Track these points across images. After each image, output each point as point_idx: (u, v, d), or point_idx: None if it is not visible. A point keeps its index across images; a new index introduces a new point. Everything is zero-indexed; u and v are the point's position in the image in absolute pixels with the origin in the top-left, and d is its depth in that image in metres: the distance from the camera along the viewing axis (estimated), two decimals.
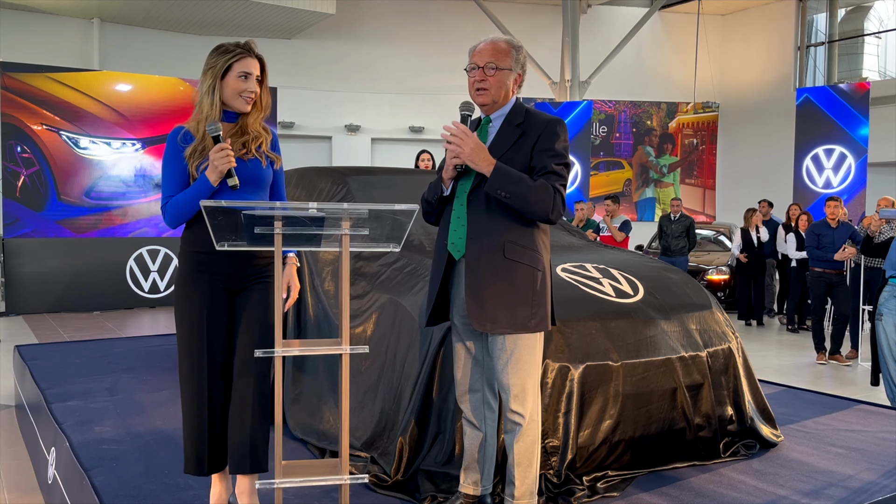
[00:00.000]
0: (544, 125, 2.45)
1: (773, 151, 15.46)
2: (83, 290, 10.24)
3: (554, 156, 2.41)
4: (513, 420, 2.44)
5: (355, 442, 3.10)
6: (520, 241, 2.40)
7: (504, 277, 2.38)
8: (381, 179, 4.32)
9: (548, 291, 2.47)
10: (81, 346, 5.90)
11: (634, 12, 16.47)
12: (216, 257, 2.47)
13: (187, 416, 2.52)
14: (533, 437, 2.45)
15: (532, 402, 2.44)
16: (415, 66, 15.55)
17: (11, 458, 4.25)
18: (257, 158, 2.54)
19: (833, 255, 7.15)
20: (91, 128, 10.46)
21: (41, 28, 13.06)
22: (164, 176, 2.54)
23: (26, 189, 10.06)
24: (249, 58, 2.51)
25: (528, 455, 2.45)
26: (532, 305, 2.39)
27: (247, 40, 2.56)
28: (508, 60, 2.47)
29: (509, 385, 2.41)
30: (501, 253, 2.38)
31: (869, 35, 16.02)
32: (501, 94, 2.49)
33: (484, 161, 2.35)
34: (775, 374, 6.41)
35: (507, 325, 2.38)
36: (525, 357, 2.41)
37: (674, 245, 9.25)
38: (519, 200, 2.34)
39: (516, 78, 2.51)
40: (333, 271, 3.62)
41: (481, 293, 2.38)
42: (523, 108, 2.54)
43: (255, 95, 2.54)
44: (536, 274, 2.41)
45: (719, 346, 3.37)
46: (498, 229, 2.39)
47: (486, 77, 2.45)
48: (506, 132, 2.48)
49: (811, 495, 2.85)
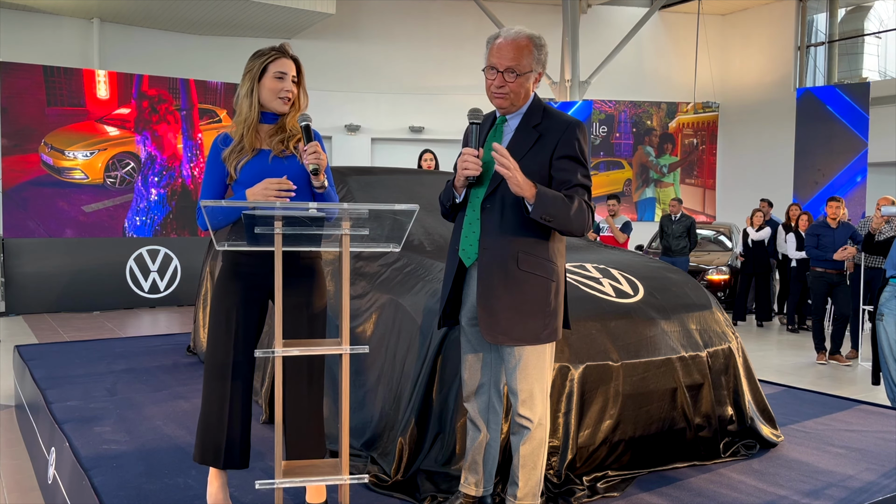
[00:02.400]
0: (563, 129, 2.36)
1: (773, 151, 15.46)
2: (83, 290, 10.25)
3: (577, 165, 2.35)
4: (521, 424, 2.42)
5: (355, 442, 3.10)
6: (534, 251, 2.34)
7: (517, 289, 2.32)
8: (381, 179, 4.32)
9: (562, 300, 2.43)
10: (81, 346, 5.89)
11: (634, 12, 16.47)
12: (255, 258, 2.52)
13: (207, 408, 2.55)
14: (540, 440, 2.44)
15: (541, 407, 2.42)
16: (415, 66, 15.55)
17: (11, 458, 4.25)
18: (294, 157, 2.56)
19: (833, 255, 7.15)
20: None
21: (41, 28, 13.06)
22: (204, 179, 2.64)
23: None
24: (284, 58, 2.56)
25: (533, 457, 2.44)
26: (545, 317, 2.35)
27: (282, 43, 2.61)
28: (530, 62, 2.33)
29: (518, 390, 2.39)
30: (515, 264, 2.32)
31: (869, 35, 16.02)
32: (521, 96, 2.38)
33: (528, 187, 2.23)
34: (775, 374, 6.41)
35: (518, 337, 2.34)
36: (533, 363, 2.38)
37: (675, 245, 9.26)
38: (560, 222, 2.28)
39: (536, 77, 2.39)
40: (333, 271, 3.62)
41: (493, 304, 2.34)
42: (541, 106, 2.43)
43: (293, 95, 2.57)
44: (550, 285, 2.36)
45: (719, 346, 3.37)
46: (511, 239, 2.33)
47: (505, 83, 2.33)
48: (522, 134, 2.39)
49: (811, 495, 2.85)
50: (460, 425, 2.81)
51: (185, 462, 3.12)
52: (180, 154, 11.31)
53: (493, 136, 2.46)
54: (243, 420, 2.56)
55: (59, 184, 10.45)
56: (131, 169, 10.91)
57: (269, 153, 2.54)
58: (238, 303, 2.55)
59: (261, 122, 2.58)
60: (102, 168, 10.74)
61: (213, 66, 13.76)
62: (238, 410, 2.54)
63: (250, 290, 2.57)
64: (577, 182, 2.34)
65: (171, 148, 11.22)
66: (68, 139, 10.51)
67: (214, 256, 5.15)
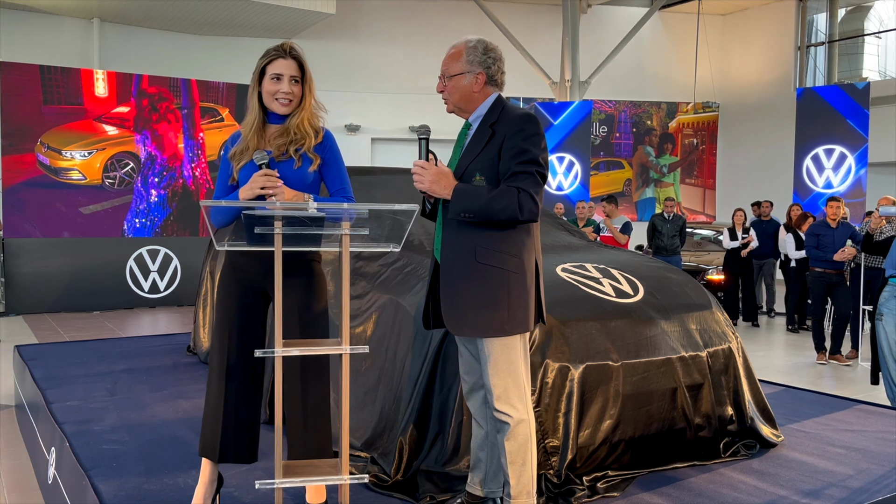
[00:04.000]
0: (511, 123, 2.39)
1: (774, 151, 15.47)
2: (83, 290, 10.24)
3: (517, 154, 2.34)
4: (500, 420, 2.43)
5: (355, 442, 3.10)
6: (491, 244, 2.36)
7: (476, 281, 2.36)
8: (381, 179, 4.32)
9: (528, 292, 2.41)
10: (81, 346, 5.89)
11: (634, 12, 16.47)
12: (249, 257, 2.54)
13: (206, 406, 2.58)
14: (524, 436, 2.43)
15: (519, 402, 2.41)
16: (415, 66, 15.55)
17: (11, 458, 4.25)
18: (292, 160, 2.52)
19: (833, 256, 7.15)
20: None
21: (41, 28, 13.07)
22: (217, 176, 2.66)
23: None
24: (282, 59, 2.51)
25: (521, 454, 2.43)
26: (508, 308, 2.36)
27: (283, 42, 2.56)
28: (459, 64, 2.43)
29: (491, 386, 2.41)
30: (473, 257, 2.36)
31: (869, 35, 16.03)
32: (463, 98, 2.46)
33: (444, 189, 2.34)
34: (775, 374, 6.41)
35: (481, 329, 2.37)
36: (503, 358, 2.39)
37: (670, 244, 9.29)
38: (484, 215, 2.31)
39: (478, 76, 2.44)
40: (333, 271, 3.62)
41: (455, 297, 2.39)
42: (501, 105, 2.46)
43: (293, 96, 2.53)
44: (510, 276, 2.37)
45: (719, 346, 3.37)
46: (469, 234, 2.37)
47: (444, 87, 2.47)
48: (479, 133, 2.45)
49: (811, 495, 2.85)
50: (461, 423, 2.81)
51: (185, 462, 3.13)
52: (181, 154, 11.21)
53: (458, 141, 2.53)
54: (241, 417, 2.56)
55: (56, 185, 10.33)
56: (130, 169, 10.83)
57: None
58: (235, 304, 2.56)
59: (270, 122, 2.57)
60: (101, 168, 10.62)
61: (213, 66, 13.76)
62: (233, 409, 2.54)
63: (246, 290, 2.57)
64: (513, 171, 2.33)
65: (171, 147, 11.11)
66: (65, 138, 10.39)
67: (214, 256, 5.15)
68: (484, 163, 2.38)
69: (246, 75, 2.81)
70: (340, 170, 2.61)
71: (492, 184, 2.36)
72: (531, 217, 2.33)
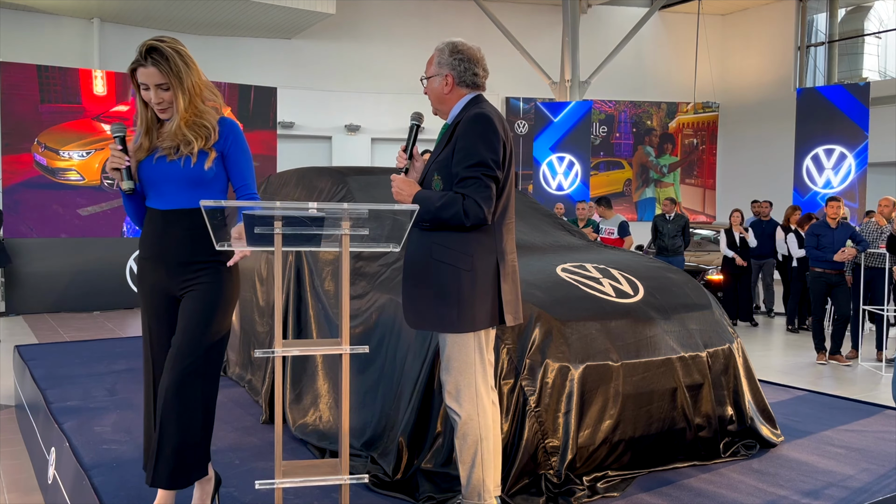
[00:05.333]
0: (463, 124, 2.44)
1: (773, 151, 15.46)
2: (83, 290, 10.22)
3: (464, 157, 2.39)
4: (450, 416, 2.49)
5: (355, 442, 3.10)
6: (447, 243, 2.42)
7: (430, 277, 2.43)
8: (381, 179, 4.32)
9: (483, 291, 2.42)
10: (81, 346, 5.89)
11: (634, 12, 16.47)
12: (151, 263, 2.49)
13: (145, 423, 2.54)
14: (473, 437, 2.43)
15: (468, 402, 2.44)
16: (415, 66, 15.45)
17: (11, 458, 4.25)
18: (187, 157, 2.41)
19: (833, 256, 7.15)
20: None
21: (41, 28, 13.06)
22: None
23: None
24: (142, 68, 2.36)
25: (469, 454, 2.44)
26: (458, 305, 2.40)
27: (146, 43, 2.37)
28: (432, 67, 2.54)
29: (444, 381, 2.48)
30: (429, 254, 2.43)
31: (869, 35, 16.02)
32: (437, 100, 2.56)
33: (407, 197, 2.45)
34: (775, 374, 6.41)
35: (432, 323, 2.45)
36: (455, 356, 2.44)
37: (671, 245, 9.28)
38: (437, 222, 2.40)
39: (446, 78, 2.50)
40: (333, 271, 3.62)
41: (412, 291, 2.49)
42: (470, 105, 2.50)
43: (165, 104, 2.39)
44: (463, 275, 2.40)
45: (719, 346, 3.37)
46: (428, 232, 2.45)
47: (424, 90, 2.60)
48: (445, 135, 2.54)
49: (811, 495, 2.85)
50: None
51: None
52: None
53: (437, 141, 2.63)
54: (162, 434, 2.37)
55: (54, 185, 10.25)
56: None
57: (157, 153, 2.45)
58: (147, 311, 2.51)
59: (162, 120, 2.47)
60: (99, 169, 10.51)
61: (213, 66, 13.74)
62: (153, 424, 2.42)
63: (153, 296, 2.49)
64: (461, 176, 2.39)
65: None
66: (63, 138, 10.29)
67: None
68: (442, 164, 2.47)
69: (246, 75, 2.81)
70: (242, 164, 2.50)
71: (448, 184, 2.43)
72: (478, 221, 2.37)
